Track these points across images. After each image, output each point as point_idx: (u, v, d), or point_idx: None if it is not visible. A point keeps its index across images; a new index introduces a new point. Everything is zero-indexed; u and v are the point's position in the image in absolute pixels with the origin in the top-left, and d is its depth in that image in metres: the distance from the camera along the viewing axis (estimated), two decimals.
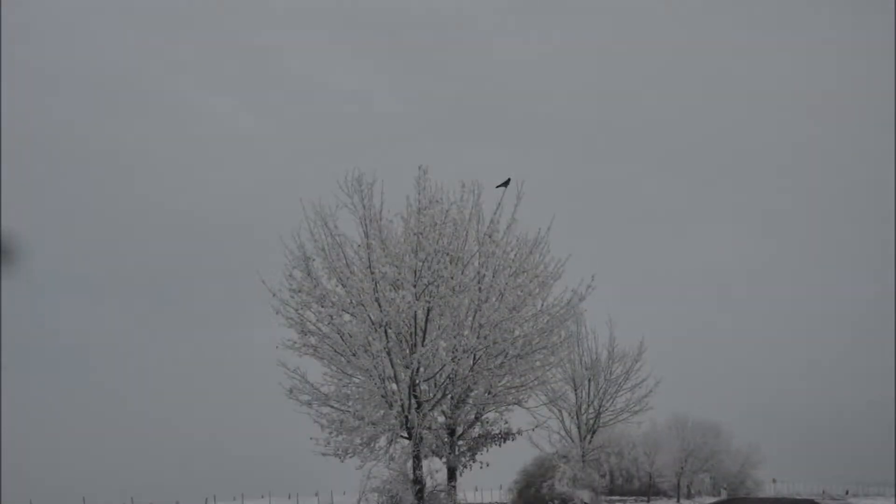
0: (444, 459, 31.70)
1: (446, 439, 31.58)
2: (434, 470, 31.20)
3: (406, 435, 30.22)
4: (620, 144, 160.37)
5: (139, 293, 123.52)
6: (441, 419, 31.56)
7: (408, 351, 29.92)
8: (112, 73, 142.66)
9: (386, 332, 29.62)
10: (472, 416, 32.18)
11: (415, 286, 29.61)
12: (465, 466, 32.21)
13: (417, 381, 30.07)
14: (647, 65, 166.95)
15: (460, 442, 32.06)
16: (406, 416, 29.70)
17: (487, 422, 32.58)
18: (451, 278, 29.78)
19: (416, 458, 30.25)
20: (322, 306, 29.94)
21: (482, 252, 31.20)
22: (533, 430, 36.87)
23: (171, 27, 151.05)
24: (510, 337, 30.74)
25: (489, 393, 31.62)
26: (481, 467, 32.56)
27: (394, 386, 29.80)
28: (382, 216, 30.61)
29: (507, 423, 32.78)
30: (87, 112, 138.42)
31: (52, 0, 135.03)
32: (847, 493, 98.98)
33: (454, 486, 31.84)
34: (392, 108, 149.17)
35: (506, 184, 31.71)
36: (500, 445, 32.72)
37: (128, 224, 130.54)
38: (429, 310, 29.66)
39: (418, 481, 30.15)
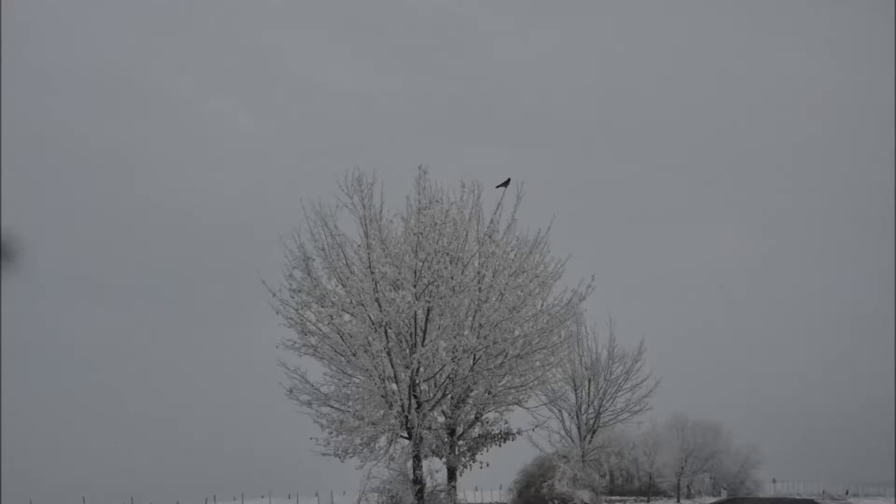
0: (444, 459, 31.71)
1: (446, 439, 31.58)
2: (434, 470, 31.23)
3: (406, 435, 30.22)
4: (620, 144, 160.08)
5: (139, 293, 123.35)
6: (441, 419, 31.56)
7: (408, 351, 29.93)
8: (112, 73, 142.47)
9: (386, 332, 29.63)
10: (472, 416, 32.19)
11: (415, 286, 29.62)
12: (465, 466, 32.21)
13: (417, 381, 30.07)
14: (647, 65, 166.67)
15: (460, 442, 32.07)
16: (406, 416, 29.70)
17: (487, 422, 32.60)
18: (451, 278, 29.78)
19: (416, 458, 30.25)
20: (322, 306, 29.93)
21: (482, 252, 31.23)
22: (533, 430, 36.99)
23: (171, 27, 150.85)
24: (510, 337, 30.76)
25: (489, 393, 31.63)
26: (481, 467, 32.58)
27: (394, 386, 29.81)
28: (382, 216, 30.64)
29: (507, 423, 32.84)
30: (86, 112, 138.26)
31: (52, 0, 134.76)
32: (847, 493, 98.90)
33: (454, 486, 31.84)
34: (392, 108, 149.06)
35: (506, 184, 31.75)
36: (500, 445, 32.73)
37: (128, 224, 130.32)
38: (429, 310, 29.66)
39: (418, 481, 30.14)
